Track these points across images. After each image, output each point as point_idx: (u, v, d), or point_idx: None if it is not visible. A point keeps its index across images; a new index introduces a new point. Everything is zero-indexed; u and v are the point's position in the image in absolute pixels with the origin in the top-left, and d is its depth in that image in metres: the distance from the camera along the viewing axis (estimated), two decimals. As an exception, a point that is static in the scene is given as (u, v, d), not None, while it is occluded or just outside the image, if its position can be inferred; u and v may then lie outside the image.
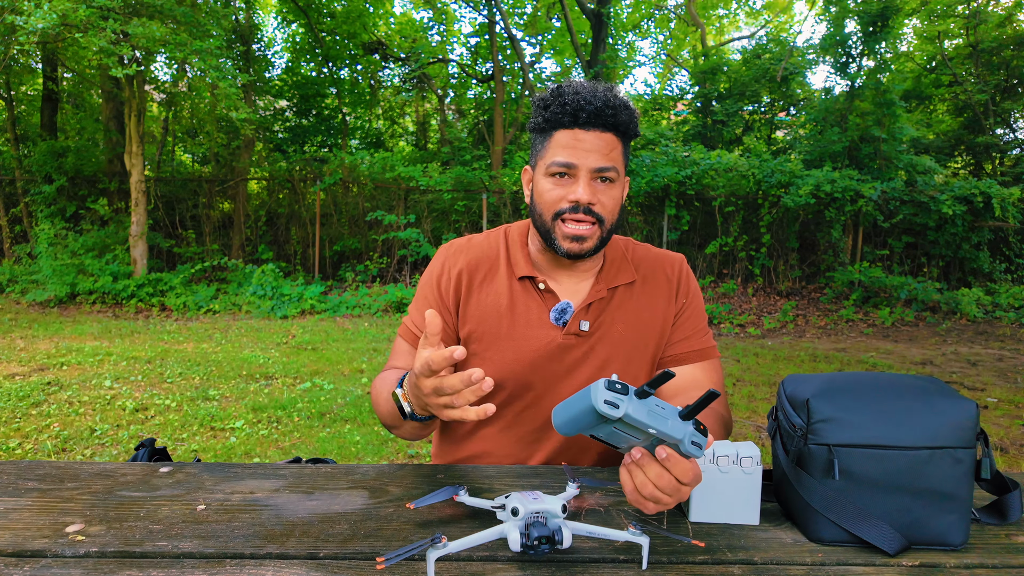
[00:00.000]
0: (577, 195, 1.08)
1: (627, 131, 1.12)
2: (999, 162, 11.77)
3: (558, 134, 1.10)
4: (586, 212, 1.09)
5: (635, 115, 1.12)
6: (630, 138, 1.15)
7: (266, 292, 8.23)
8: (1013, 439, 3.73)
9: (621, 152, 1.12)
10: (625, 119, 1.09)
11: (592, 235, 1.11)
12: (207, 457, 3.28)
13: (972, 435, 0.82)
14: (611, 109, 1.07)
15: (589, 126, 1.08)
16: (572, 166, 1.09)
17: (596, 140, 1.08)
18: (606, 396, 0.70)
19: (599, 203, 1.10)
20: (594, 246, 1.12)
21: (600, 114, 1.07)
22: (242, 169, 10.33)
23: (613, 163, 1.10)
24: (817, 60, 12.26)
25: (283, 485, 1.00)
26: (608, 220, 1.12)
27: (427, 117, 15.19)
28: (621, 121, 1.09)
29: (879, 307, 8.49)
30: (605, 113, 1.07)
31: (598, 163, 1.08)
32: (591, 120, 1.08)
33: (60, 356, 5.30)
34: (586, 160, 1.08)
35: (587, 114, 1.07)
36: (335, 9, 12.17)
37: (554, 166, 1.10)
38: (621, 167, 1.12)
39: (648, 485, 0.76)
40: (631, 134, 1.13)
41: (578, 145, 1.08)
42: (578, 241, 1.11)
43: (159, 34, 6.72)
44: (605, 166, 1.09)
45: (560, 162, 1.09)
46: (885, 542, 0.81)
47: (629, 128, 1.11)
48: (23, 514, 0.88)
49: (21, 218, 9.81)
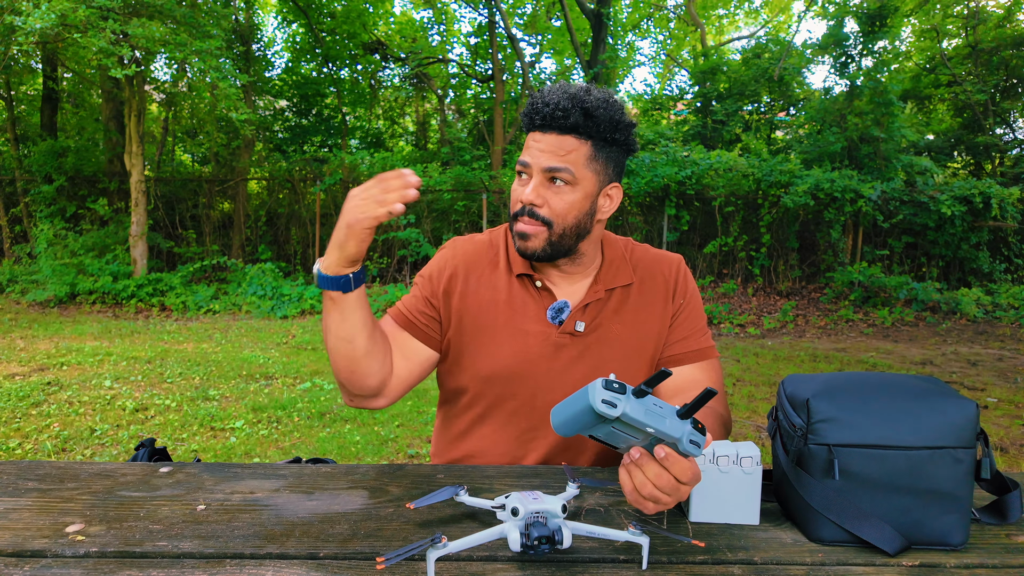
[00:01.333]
0: (523, 196, 1.11)
1: (595, 133, 1.08)
2: (999, 162, 11.78)
3: (528, 136, 1.13)
4: (530, 214, 1.11)
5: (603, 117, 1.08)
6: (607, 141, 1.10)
7: (266, 292, 8.24)
8: (1013, 439, 3.73)
9: (585, 155, 1.09)
10: (579, 121, 1.07)
11: (537, 235, 1.11)
12: (207, 457, 3.28)
13: (972, 435, 0.82)
14: (561, 111, 1.06)
15: (545, 128, 1.09)
16: (527, 164, 1.11)
17: (552, 142, 1.09)
18: (604, 395, 0.70)
19: (545, 205, 1.10)
20: (540, 247, 1.12)
21: (552, 116, 1.08)
22: (242, 169, 10.33)
23: (567, 164, 1.08)
24: (815, 60, 12.27)
25: (283, 485, 1.00)
26: (557, 223, 1.10)
27: (427, 117, 15.19)
28: (575, 123, 1.07)
29: (879, 307, 8.49)
30: (555, 116, 1.07)
31: (547, 163, 1.08)
32: (545, 122, 1.09)
33: (60, 356, 5.30)
34: (538, 159, 1.09)
35: (540, 116, 1.09)
36: (335, 9, 12.17)
37: (518, 165, 1.13)
38: (581, 170, 1.09)
39: (647, 485, 0.76)
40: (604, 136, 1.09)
41: (536, 146, 1.10)
42: (523, 238, 1.13)
43: (159, 34, 6.72)
44: (554, 166, 1.08)
45: (520, 161, 1.12)
46: (885, 542, 0.81)
47: (597, 130, 1.08)
48: (23, 514, 0.88)
49: (21, 218, 9.81)
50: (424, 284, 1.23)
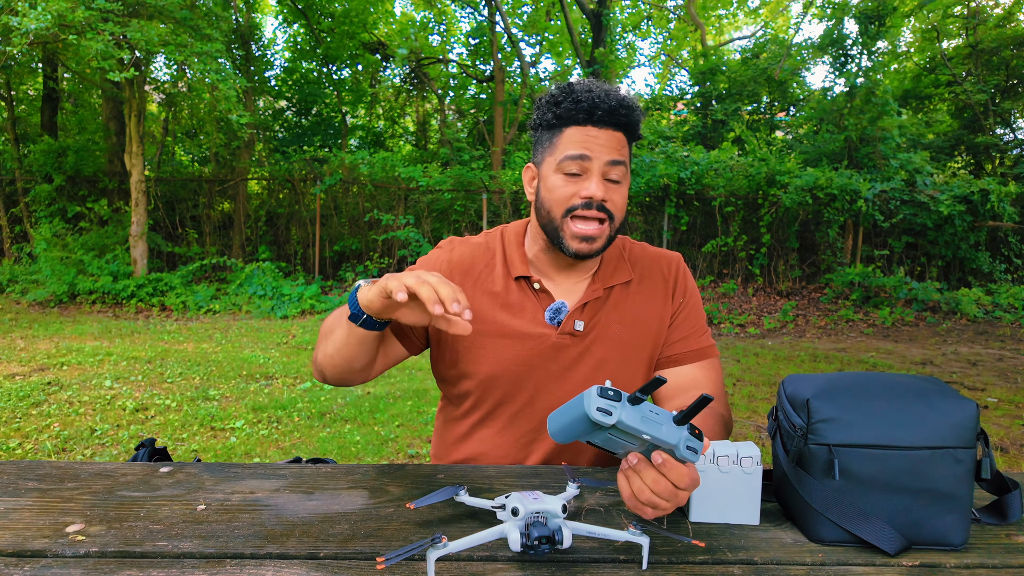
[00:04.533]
0: (591, 191, 1.07)
1: (635, 132, 1.13)
2: (999, 162, 11.78)
3: (570, 130, 1.09)
4: (599, 208, 1.08)
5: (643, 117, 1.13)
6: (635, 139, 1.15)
7: (266, 292, 8.24)
8: (1013, 439, 3.73)
9: (628, 152, 1.13)
10: (636, 119, 1.11)
11: (601, 235, 1.11)
12: (207, 457, 3.28)
13: (972, 435, 0.82)
14: (625, 108, 1.08)
15: (602, 123, 1.08)
16: (587, 158, 1.08)
17: (608, 137, 1.09)
18: (599, 403, 0.70)
19: (611, 200, 1.10)
20: (602, 246, 1.12)
21: (615, 112, 1.07)
22: (242, 169, 10.33)
23: (623, 159, 1.10)
24: (815, 60, 12.27)
25: (283, 485, 1.00)
26: (617, 218, 1.12)
27: (427, 117, 15.19)
28: (633, 121, 1.10)
29: (879, 307, 8.49)
30: (619, 112, 1.07)
31: (610, 156, 1.08)
32: (605, 118, 1.07)
33: (60, 356, 5.30)
34: (600, 155, 1.08)
35: (602, 111, 1.07)
36: (335, 9, 12.17)
37: (568, 161, 1.08)
38: (629, 166, 1.13)
39: (645, 491, 0.76)
40: (635, 138, 1.14)
41: (593, 141, 1.08)
42: (588, 241, 1.10)
43: (158, 36, 6.71)
44: (618, 159, 1.09)
45: (574, 154, 1.08)
46: (885, 542, 0.81)
47: (637, 130, 1.13)
48: (23, 514, 0.88)
49: (21, 218, 9.81)
50: None
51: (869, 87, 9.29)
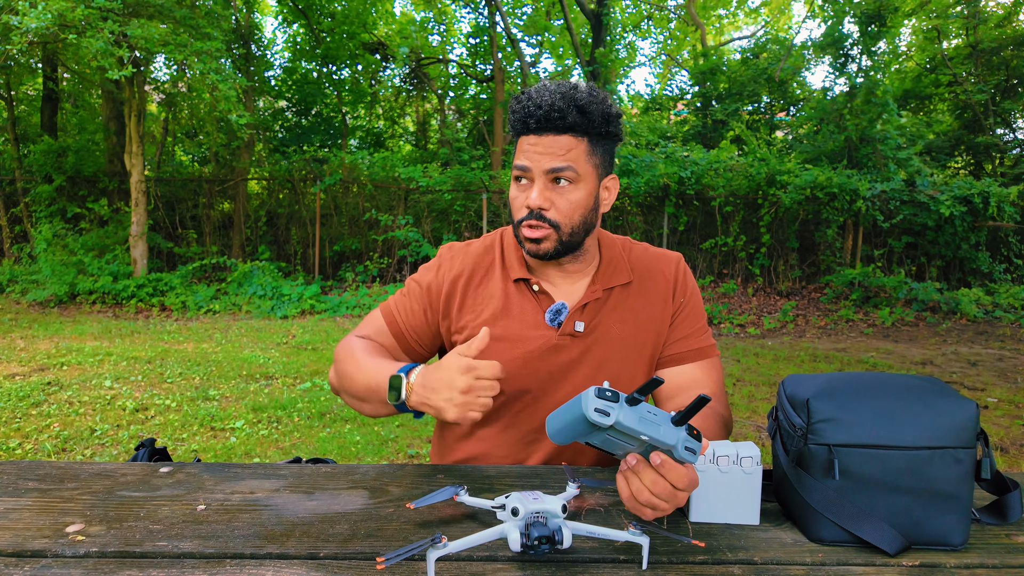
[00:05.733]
0: (529, 200, 1.09)
1: (589, 128, 1.08)
2: (999, 162, 11.78)
3: (520, 140, 1.12)
4: (538, 218, 1.10)
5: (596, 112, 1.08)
6: (601, 135, 1.11)
7: (266, 292, 8.24)
8: (1013, 439, 3.73)
9: (584, 152, 1.09)
10: (577, 120, 1.06)
11: (547, 237, 1.11)
12: (207, 457, 3.28)
13: (972, 435, 0.82)
14: (557, 112, 1.06)
15: (542, 131, 1.08)
16: (527, 169, 1.09)
17: (551, 143, 1.08)
18: (596, 404, 0.70)
19: (552, 207, 1.10)
20: (552, 248, 1.12)
21: (547, 118, 1.06)
22: (242, 169, 10.33)
23: (569, 163, 1.07)
24: (816, 60, 12.27)
25: (283, 485, 1.00)
26: (564, 224, 1.10)
27: (427, 117, 15.19)
28: (573, 122, 1.06)
29: (879, 307, 8.49)
30: (552, 116, 1.06)
31: (550, 164, 1.07)
32: (541, 124, 1.07)
33: (60, 356, 5.30)
34: (540, 163, 1.08)
35: (535, 120, 1.07)
36: (335, 9, 12.17)
37: (515, 170, 1.12)
38: (583, 166, 1.09)
39: (644, 492, 0.76)
40: (598, 131, 1.09)
41: (532, 149, 1.09)
42: (535, 243, 1.12)
43: (158, 35, 6.71)
44: (558, 166, 1.07)
45: (518, 164, 1.11)
46: (885, 542, 0.81)
47: (591, 126, 1.08)
48: (23, 514, 0.88)
49: (21, 218, 9.81)
50: (422, 294, 1.23)
51: (869, 87, 9.29)
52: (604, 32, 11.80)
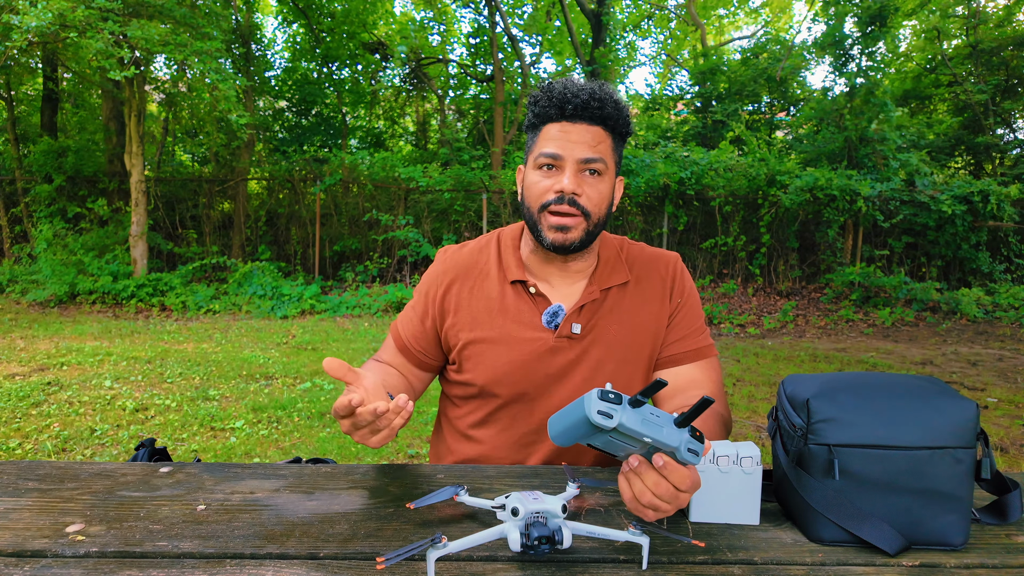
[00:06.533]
0: (562, 185, 1.08)
1: (616, 126, 1.11)
2: (999, 162, 11.78)
3: (547, 127, 1.11)
4: (571, 203, 1.09)
5: (625, 111, 1.11)
6: (621, 135, 1.14)
7: (266, 292, 8.24)
8: (1013, 439, 3.73)
9: (610, 147, 1.12)
10: (612, 113, 1.09)
11: (576, 226, 1.10)
12: (207, 457, 3.28)
13: (972, 435, 0.82)
14: (597, 101, 1.08)
15: (576, 118, 1.08)
16: (558, 156, 1.09)
17: (583, 132, 1.08)
18: (599, 406, 0.69)
19: (584, 195, 1.10)
20: (579, 238, 1.11)
21: (587, 106, 1.07)
22: (242, 169, 10.33)
23: (601, 155, 1.09)
24: (816, 60, 12.26)
25: (283, 485, 1.00)
26: (594, 214, 1.11)
27: (427, 117, 15.19)
28: (608, 114, 1.09)
29: (879, 307, 8.49)
30: (591, 105, 1.07)
31: (585, 153, 1.08)
32: (578, 112, 1.08)
33: (60, 356, 5.30)
34: (573, 151, 1.08)
35: (573, 106, 1.08)
36: (335, 9, 12.18)
37: (542, 157, 1.10)
38: (610, 161, 1.11)
39: (646, 493, 0.76)
40: (621, 131, 1.12)
41: (565, 136, 1.09)
42: (562, 231, 1.10)
43: (159, 35, 6.71)
44: (592, 157, 1.08)
45: (547, 152, 1.09)
46: (885, 542, 0.81)
47: (618, 123, 1.11)
48: (23, 514, 0.88)
49: (21, 218, 9.81)
50: (420, 303, 1.25)
51: (869, 87, 9.29)
52: (604, 32, 11.81)
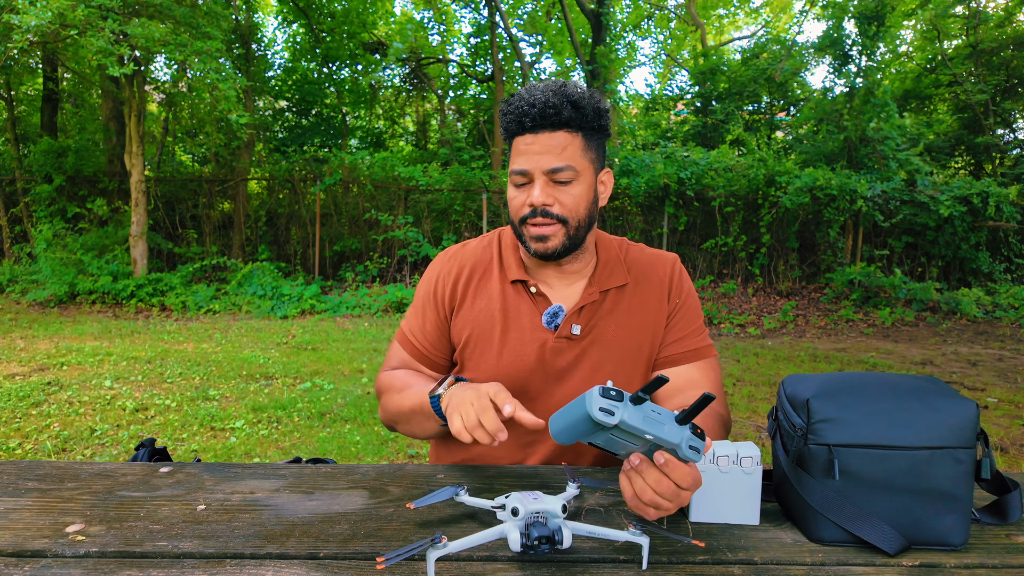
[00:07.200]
0: (532, 198, 1.09)
1: (582, 124, 1.09)
2: (999, 162, 11.77)
3: (516, 141, 1.11)
4: (544, 215, 1.10)
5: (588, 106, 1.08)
6: (592, 129, 1.11)
7: (266, 292, 8.24)
8: (1013, 439, 3.73)
9: (580, 147, 1.10)
10: (571, 115, 1.07)
11: (555, 234, 1.10)
12: (207, 457, 3.28)
13: (972, 435, 0.82)
14: (552, 108, 1.06)
15: (538, 128, 1.08)
16: (526, 172, 1.09)
17: (547, 141, 1.08)
18: (601, 404, 0.69)
19: (557, 203, 1.10)
20: (560, 245, 1.11)
21: (543, 115, 1.07)
22: (242, 169, 10.33)
23: (567, 161, 1.08)
24: (817, 60, 12.27)
25: (283, 485, 1.00)
26: (572, 219, 1.11)
27: (427, 117, 15.19)
28: (568, 118, 1.07)
29: (879, 307, 8.49)
30: (547, 114, 1.06)
31: (550, 164, 1.08)
32: (537, 123, 1.08)
33: (60, 356, 5.30)
34: (539, 163, 1.08)
35: (530, 118, 1.07)
36: (335, 9, 12.18)
37: (514, 175, 1.12)
38: (581, 162, 1.10)
39: (648, 491, 0.76)
40: (591, 125, 1.10)
41: (530, 149, 1.09)
42: (542, 241, 1.11)
43: (159, 34, 6.71)
44: (558, 166, 1.08)
45: (516, 170, 1.11)
46: (885, 542, 0.81)
47: (584, 121, 1.09)
48: (23, 514, 0.88)
49: (21, 218, 9.81)
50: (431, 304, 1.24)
51: (868, 87, 9.29)
52: (604, 32, 11.80)
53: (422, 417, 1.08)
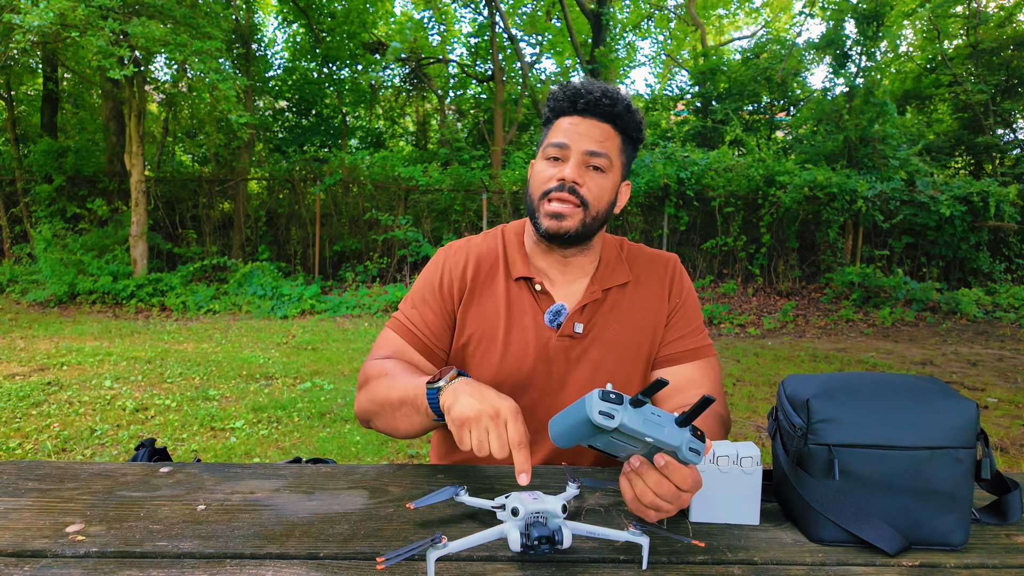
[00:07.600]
0: (564, 173, 1.10)
1: (626, 128, 1.13)
2: (999, 162, 11.77)
3: (559, 121, 1.14)
4: (571, 191, 1.10)
5: (637, 115, 1.14)
6: (631, 139, 1.15)
7: (266, 292, 8.24)
8: (1013, 439, 3.73)
9: (618, 146, 1.13)
10: (622, 113, 1.12)
11: (572, 215, 1.11)
12: (207, 457, 3.28)
13: (972, 435, 0.82)
14: (608, 99, 1.10)
15: (587, 113, 1.11)
16: (565, 146, 1.11)
17: (592, 127, 1.11)
18: (601, 407, 0.69)
19: (585, 186, 1.11)
20: (574, 228, 1.11)
21: (598, 103, 1.10)
22: (242, 169, 10.33)
23: (606, 151, 1.11)
24: (816, 60, 12.26)
25: (283, 485, 1.00)
26: (593, 206, 1.12)
27: (427, 117, 15.19)
28: (618, 113, 1.11)
29: (879, 307, 8.49)
30: (602, 102, 1.10)
31: (590, 146, 1.10)
32: (589, 107, 1.11)
33: (60, 356, 5.30)
34: (579, 142, 1.10)
35: (585, 101, 1.10)
36: (335, 9, 12.17)
37: (550, 148, 1.13)
38: (615, 159, 1.13)
39: (648, 493, 0.76)
40: (631, 134, 1.14)
41: (574, 129, 1.11)
42: (557, 219, 1.11)
43: (159, 34, 6.71)
44: (597, 150, 1.10)
45: (555, 143, 1.12)
46: (885, 542, 0.81)
47: (628, 125, 1.13)
48: (23, 514, 0.88)
49: (21, 218, 9.81)
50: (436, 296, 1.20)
51: (868, 87, 9.29)
52: (604, 32, 11.81)
53: (410, 409, 1.00)
